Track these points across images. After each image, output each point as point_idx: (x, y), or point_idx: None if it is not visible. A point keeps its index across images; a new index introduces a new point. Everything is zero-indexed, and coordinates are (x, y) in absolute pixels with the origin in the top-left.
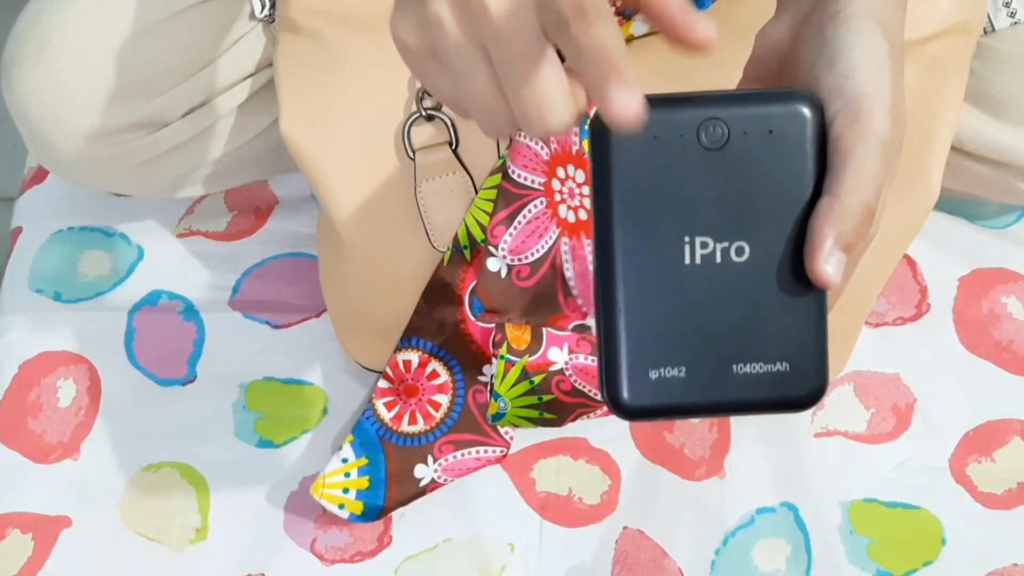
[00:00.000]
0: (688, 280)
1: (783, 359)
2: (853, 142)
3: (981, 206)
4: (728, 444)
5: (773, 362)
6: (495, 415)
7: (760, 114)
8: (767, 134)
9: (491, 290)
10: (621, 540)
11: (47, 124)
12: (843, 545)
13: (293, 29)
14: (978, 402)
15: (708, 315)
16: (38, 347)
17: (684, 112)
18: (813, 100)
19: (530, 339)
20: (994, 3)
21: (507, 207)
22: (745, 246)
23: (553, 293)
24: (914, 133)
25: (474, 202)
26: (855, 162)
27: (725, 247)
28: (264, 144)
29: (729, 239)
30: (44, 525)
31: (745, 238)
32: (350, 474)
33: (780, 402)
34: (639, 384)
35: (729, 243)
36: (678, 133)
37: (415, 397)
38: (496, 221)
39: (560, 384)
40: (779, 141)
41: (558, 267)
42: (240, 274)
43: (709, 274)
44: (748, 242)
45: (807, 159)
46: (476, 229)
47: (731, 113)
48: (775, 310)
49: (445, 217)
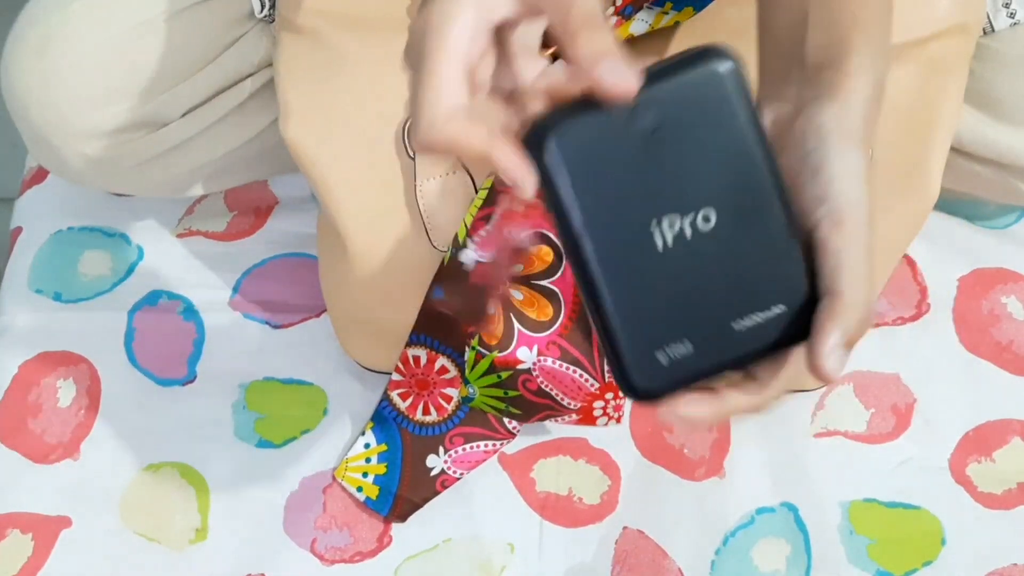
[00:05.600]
0: (666, 259)
1: (777, 302)
2: (841, 245)
3: (981, 206)
4: (728, 444)
5: (768, 308)
6: (465, 398)
7: (680, 84)
8: (693, 100)
9: (450, 281)
10: (621, 540)
11: (47, 124)
12: (843, 545)
13: (293, 29)
14: (978, 402)
15: (695, 285)
16: (38, 347)
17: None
18: (725, 53)
19: (501, 335)
20: (994, 4)
21: (491, 205)
22: (711, 212)
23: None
24: (914, 133)
25: (473, 202)
26: (848, 264)
27: (692, 218)
28: (264, 144)
29: (694, 209)
30: (44, 525)
31: (708, 204)
32: (371, 459)
33: (788, 340)
34: (649, 367)
35: (695, 213)
36: (611, 131)
37: (427, 390)
38: (479, 216)
39: (527, 383)
40: (707, 102)
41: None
42: (240, 274)
43: (685, 248)
44: (712, 206)
45: (738, 111)
46: None
47: (653, 94)
48: (756, 261)
49: (445, 217)
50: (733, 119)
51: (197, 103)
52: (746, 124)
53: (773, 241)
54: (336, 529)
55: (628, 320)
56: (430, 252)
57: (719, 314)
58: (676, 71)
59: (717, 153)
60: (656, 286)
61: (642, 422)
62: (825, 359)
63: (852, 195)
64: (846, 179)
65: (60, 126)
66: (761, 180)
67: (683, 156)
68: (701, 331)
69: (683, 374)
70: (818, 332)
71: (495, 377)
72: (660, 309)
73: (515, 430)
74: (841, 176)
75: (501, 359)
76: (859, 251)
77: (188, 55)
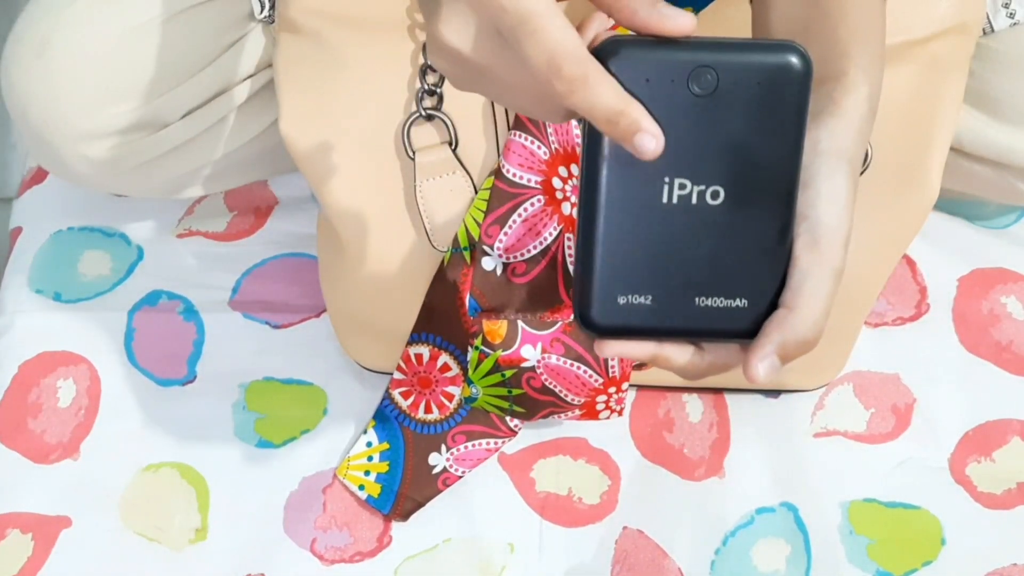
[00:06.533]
0: (664, 218)
1: (743, 295)
2: (810, 265)
3: (981, 206)
4: (728, 444)
5: (733, 298)
6: (468, 399)
7: (750, 64)
8: (755, 85)
9: (486, 289)
10: (621, 540)
11: (47, 124)
12: (843, 545)
13: (293, 29)
14: (978, 402)
15: (679, 251)
16: (38, 347)
17: (677, 57)
18: (804, 54)
19: (505, 334)
20: (993, 4)
21: (501, 206)
22: (721, 190)
23: (553, 286)
24: (914, 133)
25: (473, 202)
26: (810, 284)
27: (702, 190)
28: (264, 144)
29: (706, 183)
30: (44, 525)
31: (722, 183)
32: (373, 458)
33: (732, 333)
34: (608, 307)
35: (706, 186)
36: (669, 78)
37: (429, 388)
38: (490, 220)
39: (531, 381)
40: (766, 92)
41: (559, 261)
42: (240, 274)
43: (684, 213)
44: (724, 187)
45: (792, 112)
46: (475, 229)
47: (722, 62)
48: (741, 252)
49: (445, 217)
50: (784, 116)
51: (197, 104)
52: (793, 126)
53: (765, 241)
54: (336, 529)
55: (607, 256)
56: (430, 252)
57: (688, 285)
58: (753, 50)
59: (755, 141)
60: (644, 235)
61: (642, 422)
62: (759, 362)
63: (832, 220)
64: (831, 202)
65: (60, 127)
66: (782, 182)
67: (723, 130)
68: (666, 293)
69: (635, 324)
70: (761, 337)
71: (499, 376)
72: (638, 258)
73: (517, 428)
74: (826, 198)
75: (505, 358)
76: (825, 274)
77: (188, 56)
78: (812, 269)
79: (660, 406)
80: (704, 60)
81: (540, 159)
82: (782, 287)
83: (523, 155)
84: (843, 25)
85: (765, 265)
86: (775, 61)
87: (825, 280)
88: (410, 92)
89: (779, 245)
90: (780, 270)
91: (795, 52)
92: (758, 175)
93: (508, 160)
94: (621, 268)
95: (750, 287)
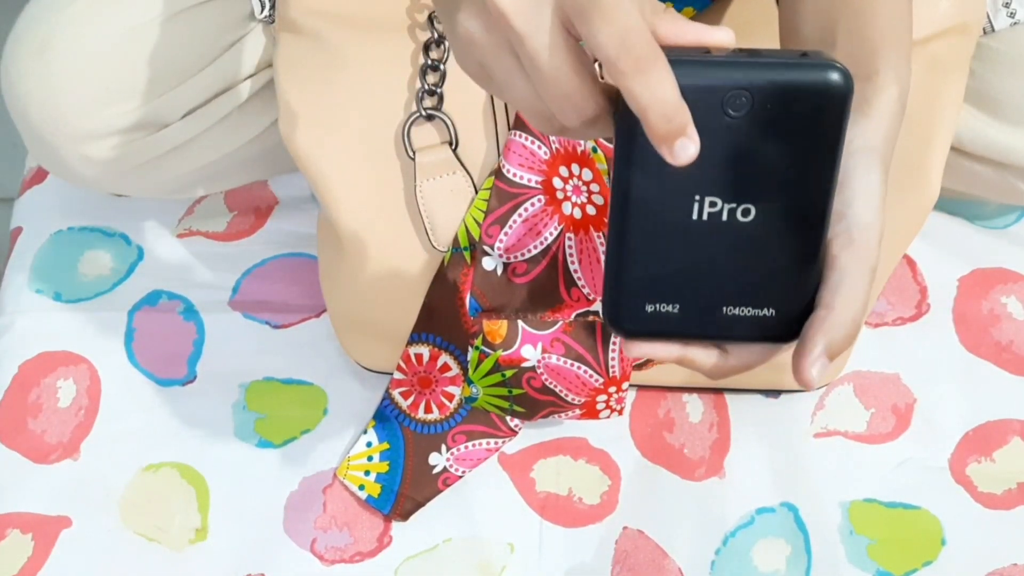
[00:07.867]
0: (693, 232)
1: (771, 305)
2: (848, 264)
3: (981, 206)
4: (728, 444)
5: (761, 308)
6: (468, 398)
7: (786, 86)
8: (790, 105)
9: (486, 289)
10: (621, 540)
11: (47, 124)
12: (843, 545)
13: (293, 29)
14: (978, 402)
15: (707, 264)
16: (38, 347)
17: (712, 78)
18: (845, 72)
19: (505, 334)
20: (994, 4)
21: (501, 206)
22: (752, 208)
23: (554, 286)
24: (914, 133)
25: (473, 202)
26: (849, 282)
27: (732, 208)
28: (264, 144)
29: (737, 201)
30: (44, 525)
31: (753, 201)
32: (373, 458)
33: (761, 339)
34: (636, 314)
35: (737, 204)
36: (704, 100)
37: (429, 388)
38: (491, 220)
39: (531, 381)
40: (805, 112)
41: (560, 261)
42: (240, 274)
43: (714, 229)
44: (755, 205)
45: (830, 131)
46: (476, 229)
47: (758, 84)
48: (771, 266)
49: (445, 217)
50: (822, 135)
51: (197, 104)
52: (831, 145)
53: (796, 255)
54: (336, 529)
55: (635, 266)
56: (430, 252)
57: (715, 296)
58: (789, 70)
59: (788, 160)
60: (673, 247)
61: (642, 422)
62: (810, 366)
63: (868, 217)
64: (866, 201)
65: (60, 127)
66: (816, 198)
67: (756, 150)
68: (693, 303)
69: (662, 330)
70: (806, 341)
71: (499, 376)
72: (667, 269)
73: (517, 428)
74: (862, 197)
75: (505, 358)
76: (862, 272)
77: (188, 56)
78: (849, 267)
79: (660, 406)
80: (739, 82)
81: (541, 159)
82: (813, 296)
83: (523, 155)
84: (873, 24)
85: (794, 277)
86: (815, 80)
87: (862, 278)
88: (410, 92)
89: (811, 257)
90: (810, 281)
91: (836, 71)
92: (792, 192)
93: (508, 160)
94: (649, 278)
95: (778, 297)
